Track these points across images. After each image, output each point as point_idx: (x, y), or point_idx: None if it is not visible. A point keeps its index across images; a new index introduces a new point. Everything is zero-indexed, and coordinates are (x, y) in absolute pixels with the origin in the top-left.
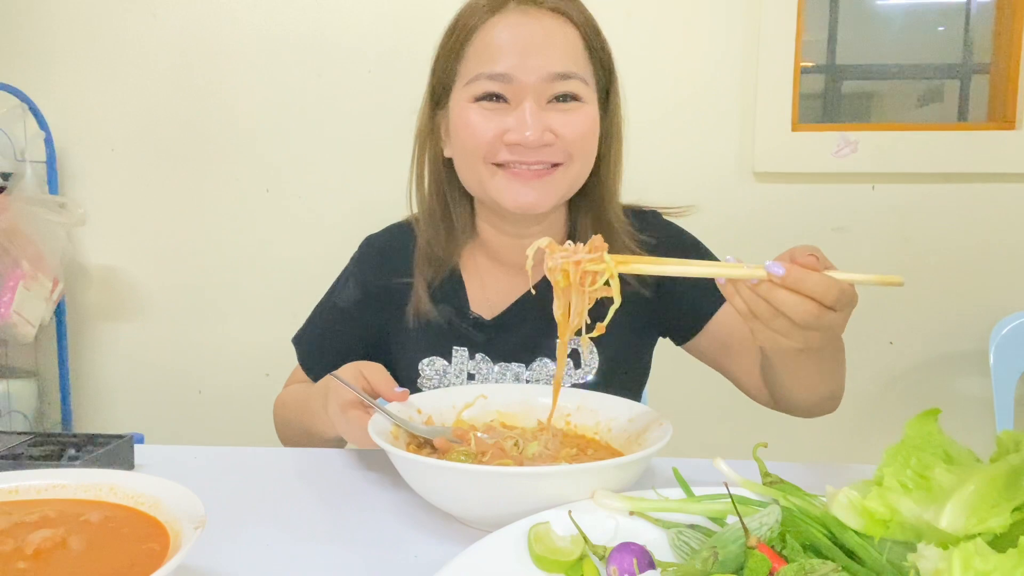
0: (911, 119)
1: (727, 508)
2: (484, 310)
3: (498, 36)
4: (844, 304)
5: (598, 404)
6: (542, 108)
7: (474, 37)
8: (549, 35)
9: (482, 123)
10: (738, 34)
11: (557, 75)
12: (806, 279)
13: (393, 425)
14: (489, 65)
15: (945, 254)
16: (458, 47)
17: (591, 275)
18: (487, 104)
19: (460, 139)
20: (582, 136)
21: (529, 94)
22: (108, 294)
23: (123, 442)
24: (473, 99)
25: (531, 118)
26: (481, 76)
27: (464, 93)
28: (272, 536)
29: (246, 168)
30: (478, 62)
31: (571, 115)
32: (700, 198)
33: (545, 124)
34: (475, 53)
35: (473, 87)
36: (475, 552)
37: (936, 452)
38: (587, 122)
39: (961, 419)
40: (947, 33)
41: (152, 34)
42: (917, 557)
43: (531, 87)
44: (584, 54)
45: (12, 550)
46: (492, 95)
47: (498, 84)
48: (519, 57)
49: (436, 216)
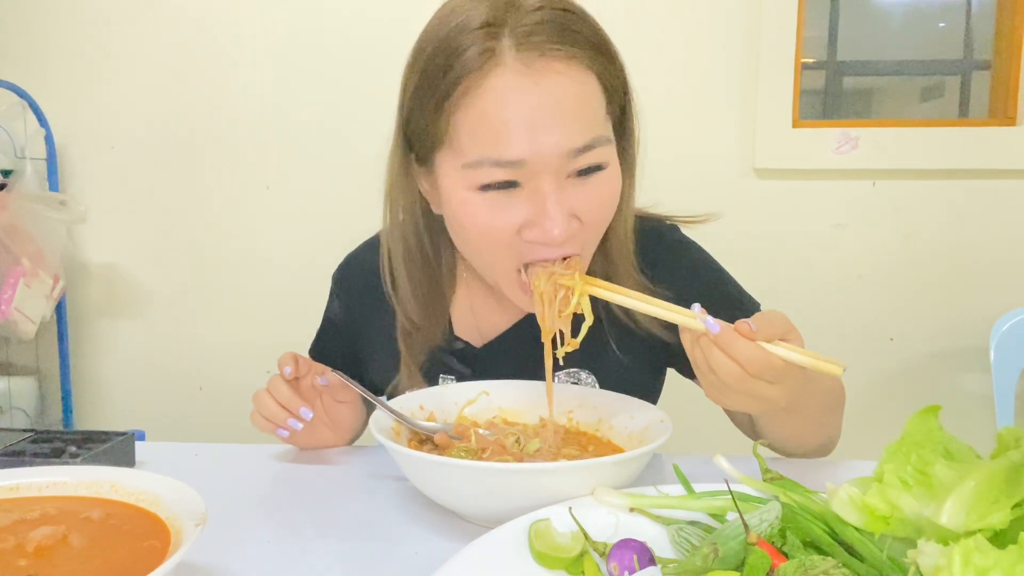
0: (912, 115)
1: (727, 504)
2: (473, 336)
3: (500, 109)
4: (774, 377)
5: (600, 401)
6: (562, 188)
7: (464, 97)
8: (563, 100)
9: (494, 220)
10: (739, 30)
11: (578, 150)
12: (734, 343)
13: (394, 421)
14: (494, 149)
15: (946, 250)
16: (444, 105)
17: (564, 289)
18: (496, 194)
19: (466, 235)
20: (607, 212)
21: (547, 175)
22: (109, 291)
23: (124, 439)
24: (477, 188)
25: (555, 214)
26: (486, 162)
27: (463, 176)
28: (273, 533)
29: (246, 165)
30: (478, 140)
31: (595, 190)
32: (700, 194)
33: (568, 210)
34: (471, 122)
35: (477, 174)
36: (476, 548)
37: (936, 448)
38: (612, 191)
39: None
40: (948, 29)
41: (152, 31)
42: (917, 553)
43: (549, 167)
44: (602, 102)
45: (13, 547)
46: (501, 183)
47: (509, 171)
48: (530, 135)
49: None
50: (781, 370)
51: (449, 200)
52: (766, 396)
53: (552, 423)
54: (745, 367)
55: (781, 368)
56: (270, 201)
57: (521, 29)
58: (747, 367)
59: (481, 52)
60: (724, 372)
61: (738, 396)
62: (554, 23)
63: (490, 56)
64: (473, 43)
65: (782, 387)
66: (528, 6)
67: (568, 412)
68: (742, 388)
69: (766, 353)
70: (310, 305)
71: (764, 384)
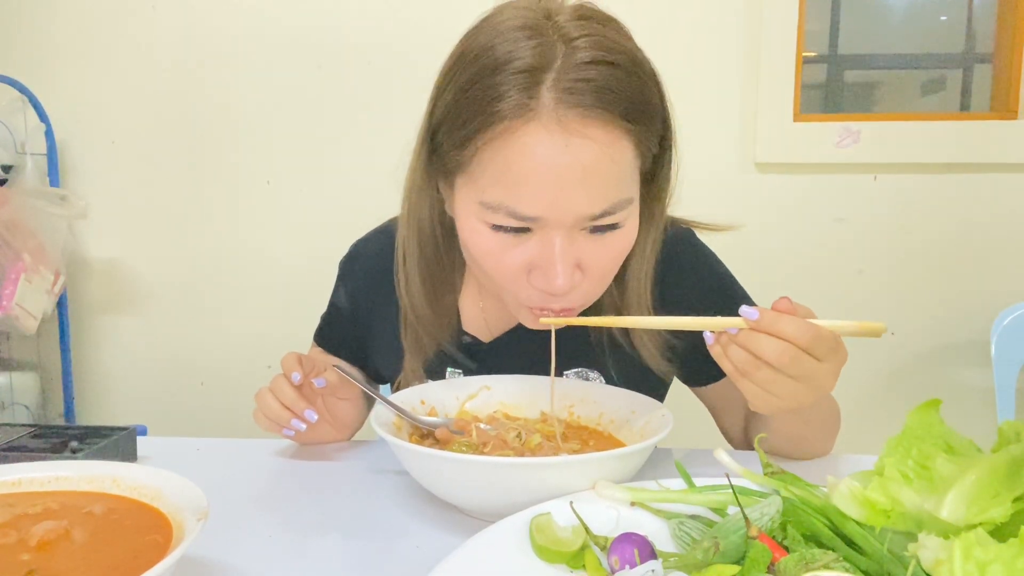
0: (913, 109)
1: (728, 499)
2: (481, 331)
3: (526, 163)
4: (824, 352)
5: (601, 395)
6: (573, 241)
7: (494, 141)
8: (591, 166)
9: (502, 255)
10: (740, 23)
11: (595, 216)
12: (779, 320)
13: (396, 416)
14: (513, 200)
15: (947, 244)
16: (470, 134)
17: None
18: (507, 235)
19: (474, 258)
20: (612, 268)
21: (560, 230)
22: (110, 286)
23: (125, 434)
24: (490, 225)
25: (561, 268)
26: (503, 209)
27: (478, 210)
28: (274, 527)
29: (247, 160)
30: (501, 184)
31: (605, 246)
32: (701, 189)
33: (574, 261)
34: (497, 166)
35: (491, 215)
36: (477, 542)
37: (937, 442)
38: (623, 247)
39: (962, 410)
40: (950, 22)
41: (152, 26)
42: (918, 547)
43: (563, 224)
44: (634, 163)
45: (16, 542)
46: (514, 228)
47: (522, 222)
48: (551, 196)
49: (428, 281)
50: (832, 342)
51: (462, 225)
52: (817, 376)
53: (553, 418)
54: (796, 342)
55: (832, 339)
56: (270, 196)
57: (565, 83)
58: (798, 341)
59: (519, 104)
60: (776, 355)
61: (788, 385)
62: (599, 83)
63: (527, 109)
64: (514, 88)
65: (831, 366)
66: (579, 59)
67: (569, 407)
68: (795, 370)
69: (811, 324)
70: (311, 300)
71: (814, 362)
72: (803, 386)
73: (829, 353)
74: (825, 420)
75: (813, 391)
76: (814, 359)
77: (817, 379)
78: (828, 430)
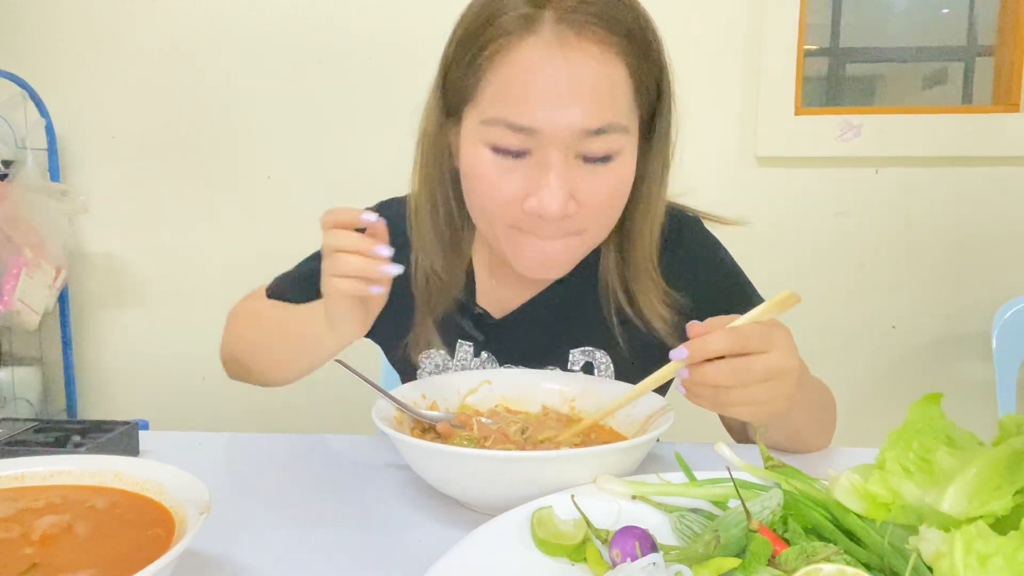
0: (915, 102)
1: (729, 492)
2: (493, 306)
3: (525, 76)
4: (762, 342)
5: (602, 389)
6: (569, 167)
7: (499, 57)
8: (587, 78)
9: (499, 181)
10: (741, 17)
11: (591, 131)
12: (704, 344)
13: (397, 410)
14: (513, 111)
15: (948, 238)
16: (479, 60)
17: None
18: (505, 160)
19: (473, 189)
20: (606, 204)
21: (556, 150)
22: (111, 281)
23: (127, 428)
24: (490, 146)
25: (555, 188)
26: (501, 122)
27: (480, 131)
28: (276, 521)
29: (247, 155)
30: (500, 99)
31: (599, 179)
32: (702, 182)
33: (569, 190)
34: (498, 82)
35: (492, 132)
36: (478, 536)
37: (938, 436)
38: (617, 182)
39: (963, 403)
40: (951, 15)
41: (152, 21)
42: (919, 540)
43: (560, 141)
44: (628, 92)
45: (18, 536)
46: (512, 151)
47: (521, 137)
48: (549, 107)
49: (442, 237)
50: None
51: (465, 152)
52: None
53: (554, 412)
54: (731, 353)
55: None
56: (271, 191)
57: (567, 4)
58: (732, 351)
59: (521, 17)
60: (726, 375)
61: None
62: (599, 8)
63: (528, 23)
64: (516, 7)
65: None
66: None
67: (570, 401)
68: (753, 374)
69: (731, 329)
70: None
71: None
72: (774, 381)
73: (768, 341)
74: (813, 403)
75: (786, 379)
76: (760, 354)
77: (779, 367)
78: (824, 418)
